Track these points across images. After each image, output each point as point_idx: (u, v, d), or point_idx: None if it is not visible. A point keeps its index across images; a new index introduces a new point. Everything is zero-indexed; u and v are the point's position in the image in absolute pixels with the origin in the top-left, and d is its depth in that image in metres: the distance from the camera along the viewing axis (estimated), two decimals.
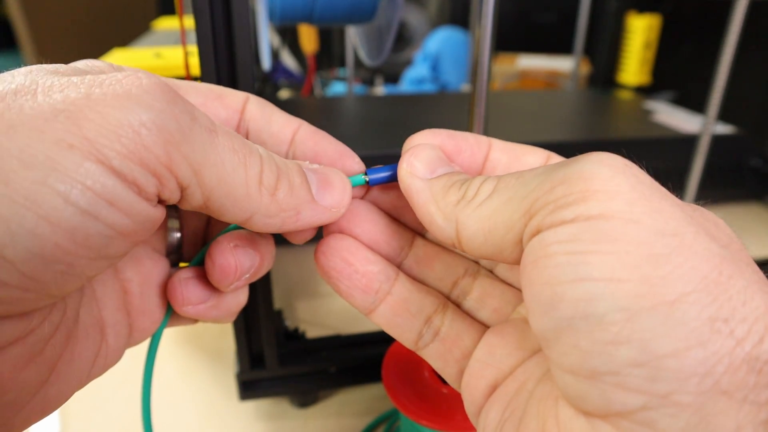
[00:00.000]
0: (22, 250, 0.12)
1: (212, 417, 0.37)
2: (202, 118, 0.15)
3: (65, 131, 0.13)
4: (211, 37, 0.24)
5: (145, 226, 0.15)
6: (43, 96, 0.13)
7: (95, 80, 0.14)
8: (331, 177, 0.19)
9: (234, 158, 0.16)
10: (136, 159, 0.13)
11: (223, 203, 0.16)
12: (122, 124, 0.13)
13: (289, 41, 0.86)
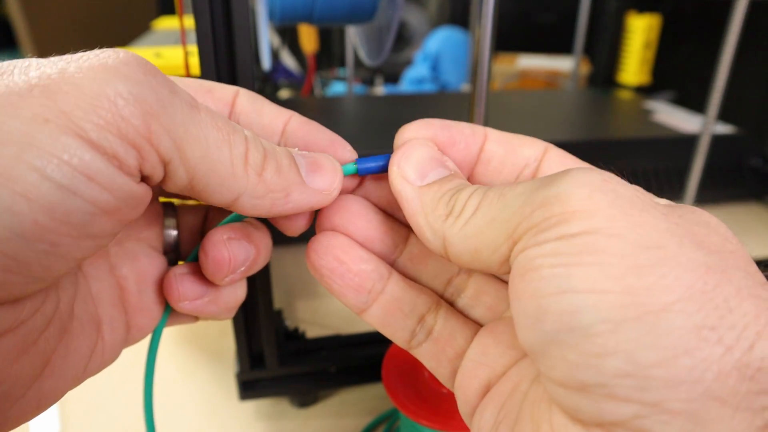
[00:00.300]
0: (2, 229, 0.12)
1: (212, 417, 0.37)
2: (182, 93, 0.15)
3: (40, 105, 0.12)
4: (211, 37, 0.24)
5: (129, 204, 0.15)
6: (19, 74, 0.13)
7: (72, 57, 0.14)
8: (320, 160, 0.18)
9: (218, 135, 0.15)
10: (114, 130, 0.13)
11: (208, 182, 0.16)
12: (98, 94, 0.13)
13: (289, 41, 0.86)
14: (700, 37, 0.74)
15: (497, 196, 0.15)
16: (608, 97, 0.72)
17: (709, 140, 0.41)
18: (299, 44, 0.73)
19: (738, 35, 0.37)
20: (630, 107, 0.69)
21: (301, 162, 0.18)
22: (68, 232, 0.13)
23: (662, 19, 0.70)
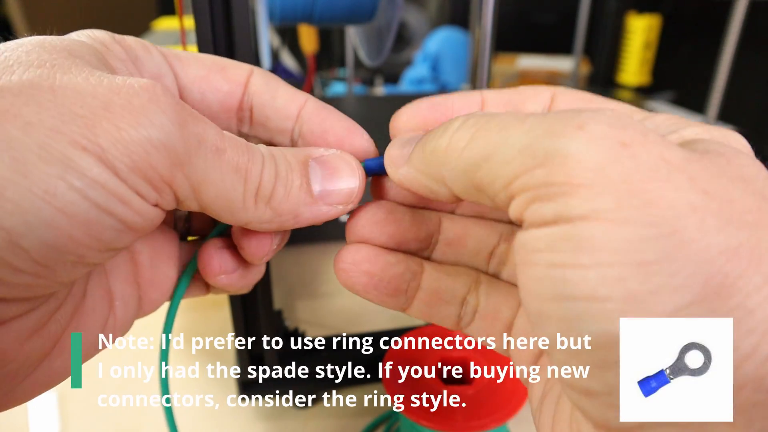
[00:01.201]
0: (37, 241, 0.13)
1: (212, 417, 0.37)
2: (210, 138, 0.16)
3: (81, 136, 0.13)
4: (211, 37, 0.24)
5: (152, 223, 0.16)
6: (63, 95, 0.13)
7: (113, 86, 0.14)
8: (338, 167, 0.18)
9: (235, 177, 0.16)
10: (141, 174, 0.14)
11: (219, 214, 0.17)
12: (134, 140, 0.14)
13: (289, 41, 0.86)
14: (700, 37, 0.74)
15: (498, 127, 0.13)
16: (608, 98, 0.72)
17: None
18: (299, 44, 0.73)
19: (738, 35, 0.37)
20: None
21: (317, 174, 0.18)
22: (97, 246, 0.14)
23: (662, 20, 0.70)
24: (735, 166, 0.12)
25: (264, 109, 0.19)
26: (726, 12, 0.37)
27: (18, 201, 0.12)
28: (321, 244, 0.53)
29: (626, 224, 0.11)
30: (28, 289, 0.14)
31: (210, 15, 0.24)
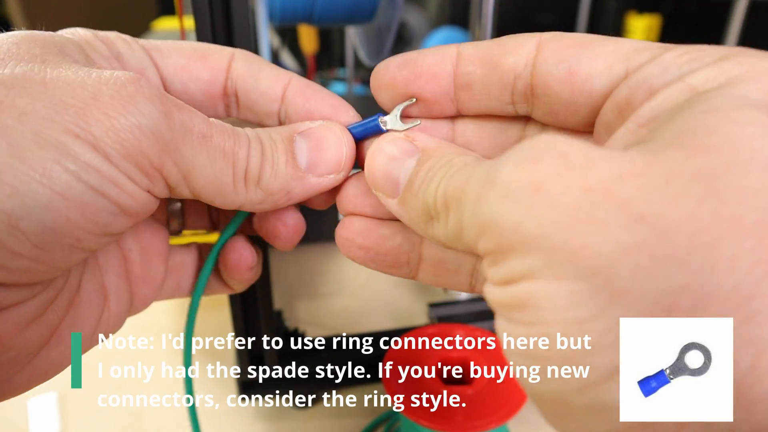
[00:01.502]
0: (35, 223, 0.13)
1: (212, 417, 0.37)
2: (197, 126, 0.16)
3: (74, 124, 0.14)
4: (211, 37, 0.24)
5: (146, 208, 0.16)
6: (54, 88, 0.14)
7: (101, 78, 0.15)
8: (325, 139, 0.18)
9: (222, 160, 0.16)
10: (132, 160, 0.15)
11: (212, 199, 0.17)
12: (124, 128, 0.14)
13: (289, 41, 0.86)
14: (700, 37, 0.74)
15: (457, 189, 0.13)
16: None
17: None
18: (299, 44, 0.73)
19: (738, 35, 0.37)
20: None
21: (303, 148, 0.18)
22: (93, 229, 0.15)
23: (662, 20, 0.70)
24: (705, 155, 0.10)
25: (249, 93, 0.19)
26: (726, 12, 0.37)
27: (16, 185, 0.13)
28: (321, 244, 0.53)
29: (559, 280, 0.10)
30: (26, 274, 0.14)
31: (210, 15, 0.24)
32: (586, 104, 0.15)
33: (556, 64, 0.15)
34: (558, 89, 0.15)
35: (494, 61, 0.16)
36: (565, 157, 0.11)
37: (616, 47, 0.14)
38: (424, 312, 0.44)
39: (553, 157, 0.11)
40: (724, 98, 0.11)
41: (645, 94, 0.13)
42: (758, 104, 0.11)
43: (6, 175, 0.13)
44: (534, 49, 0.15)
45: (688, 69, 0.13)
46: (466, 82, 0.16)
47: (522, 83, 0.16)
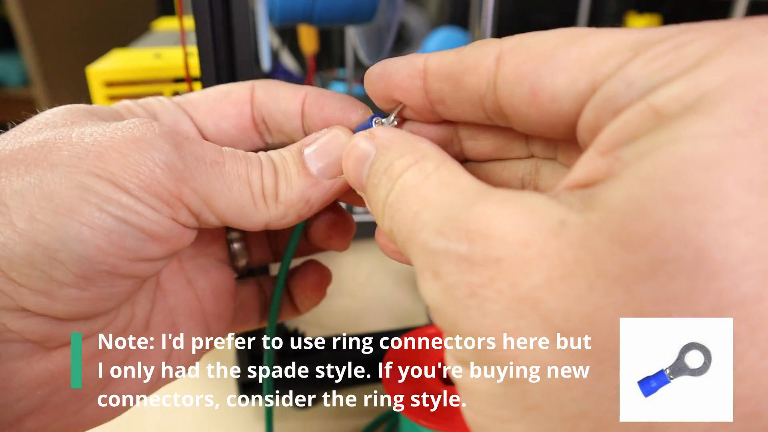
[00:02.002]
0: (70, 253, 0.15)
1: (212, 417, 0.37)
2: (207, 154, 0.18)
3: (94, 166, 0.16)
4: (211, 37, 0.24)
5: (174, 235, 0.17)
6: (78, 140, 0.16)
7: (118, 126, 0.17)
8: (329, 142, 0.19)
9: (238, 183, 0.18)
10: (151, 191, 0.16)
11: (237, 222, 0.18)
12: (139, 162, 0.16)
13: (289, 41, 0.86)
14: None
15: (399, 224, 0.14)
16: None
17: None
18: (299, 45, 0.73)
19: None
20: None
21: (312, 157, 0.19)
22: (125, 255, 0.16)
23: (662, 20, 0.70)
24: (631, 248, 0.09)
25: (274, 116, 0.21)
26: (726, 11, 0.37)
27: (48, 221, 0.15)
28: None
29: (484, 380, 0.11)
30: (77, 304, 0.16)
31: (210, 15, 0.24)
32: (561, 123, 0.13)
33: (518, 83, 0.13)
34: (525, 111, 0.14)
35: (457, 79, 0.15)
36: (498, 262, 0.11)
37: (581, 53, 0.12)
38: (424, 312, 0.44)
39: (487, 262, 0.11)
40: (672, 151, 0.10)
41: (610, 115, 0.12)
42: (717, 154, 0.09)
43: (39, 215, 0.15)
44: (494, 64, 0.14)
45: (656, 82, 0.11)
46: (437, 97, 0.16)
47: (489, 103, 0.15)
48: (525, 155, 0.18)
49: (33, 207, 0.15)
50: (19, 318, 0.15)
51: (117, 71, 0.46)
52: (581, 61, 0.12)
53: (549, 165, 0.17)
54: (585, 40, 0.13)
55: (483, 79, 0.14)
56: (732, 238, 0.09)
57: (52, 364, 0.17)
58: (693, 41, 0.11)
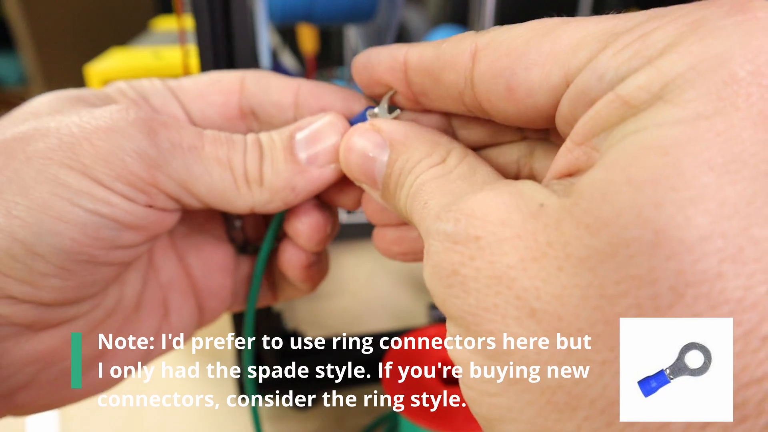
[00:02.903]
0: (48, 246, 0.15)
1: (212, 417, 0.37)
2: (185, 140, 0.17)
3: (67, 158, 0.16)
4: (210, 37, 0.24)
5: (151, 223, 0.17)
6: (55, 131, 0.16)
7: (93, 115, 0.17)
8: (321, 130, 0.18)
9: (218, 167, 0.18)
10: (123, 180, 0.16)
11: (220, 204, 0.18)
12: (110, 153, 0.16)
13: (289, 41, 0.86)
14: None
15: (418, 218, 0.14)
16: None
17: None
18: (299, 44, 0.73)
19: None
20: None
21: (302, 143, 0.18)
22: (101, 245, 0.16)
23: None
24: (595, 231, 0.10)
25: (263, 107, 0.20)
26: None
27: (23, 217, 0.15)
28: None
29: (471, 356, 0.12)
30: (62, 291, 0.16)
31: (209, 14, 0.24)
32: (539, 116, 0.14)
33: (493, 80, 0.14)
34: (503, 106, 0.14)
35: (436, 75, 0.15)
36: (477, 240, 0.12)
37: (553, 47, 0.13)
38: (424, 312, 0.44)
39: (467, 240, 0.12)
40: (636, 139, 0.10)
41: (584, 107, 0.12)
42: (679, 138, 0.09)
43: (15, 211, 0.15)
44: (470, 62, 0.14)
45: (624, 72, 0.11)
46: (420, 90, 0.16)
47: (468, 98, 0.15)
48: (518, 138, 0.18)
49: (9, 203, 0.15)
50: (8, 305, 0.16)
51: (115, 70, 0.46)
52: (553, 55, 0.13)
53: (542, 145, 0.17)
54: (556, 32, 0.13)
55: (460, 76, 0.14)
56: (689, 217, 0.09)
57: (40, 344, 0.17)
58: (658, 29, 0.11)
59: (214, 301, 0.22)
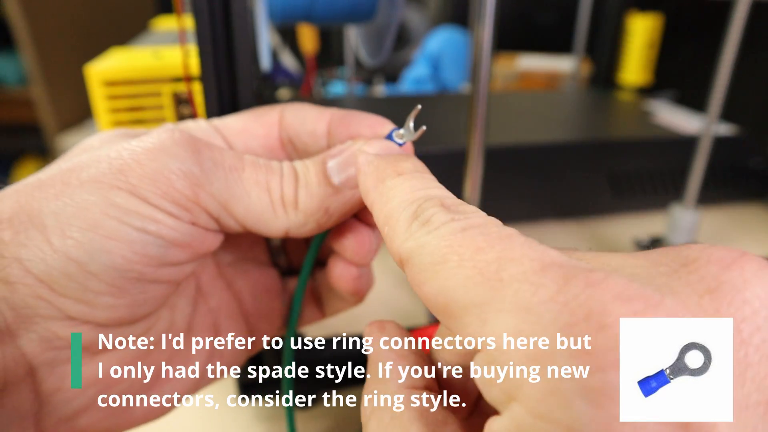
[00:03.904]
0: (99, 264, 0.16)
1: (212, 417, 0.37)
2: (226, 160, 0.19)
3: (115, 179, 0.17)
4: (210, 36, 0.24)
5: (196, 240, 0.18)
6: (105, 157, 0.18)
7: (141, 139, 0.18)
8: (354, 154, 0.20)
9: (257, 189, 0.19)
10: (168, 198, 0.17)
11: (257, 227, 0.19)
12: (156, 171, 0.17)
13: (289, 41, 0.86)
14: (703, 36, 0.74)
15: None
16: (609, 98, 0.72)
17: (710, 141, 0.41)
18: (299, 44, 0.73)
19: (740, 34, 0.37)
20: (631, 107, 0.69)
21: (334, 168, 0.20)
22: (149, 262, 0.17)
23: (664, 19, 0.70)
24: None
25: (300, 138, 0.22)
26: (728, 11, 0.37)
27: (77, 237, 0.16)
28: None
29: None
30: (114, 311, 0.17)
31: (209, 14, 0.24)
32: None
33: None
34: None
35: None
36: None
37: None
38: (424, 312, 0.44)
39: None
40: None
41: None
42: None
43: (69, 232, 0.16)
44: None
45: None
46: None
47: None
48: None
49: (64, 225, 0.16)
50: (67, 326, 0.17)
51: (116, 70, 0.46)
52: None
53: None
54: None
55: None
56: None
57: (98, 368, 0.18)
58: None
59: (264, 324, 0.24)
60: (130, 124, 0.49)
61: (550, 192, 0.52)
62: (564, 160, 0.51)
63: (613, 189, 0.52)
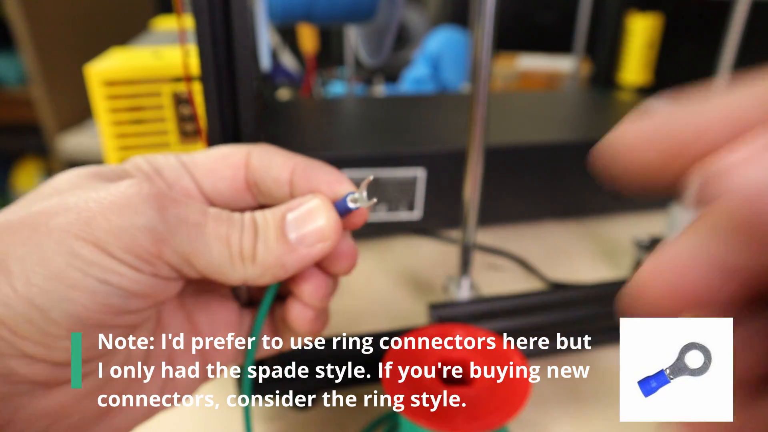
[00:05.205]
0: (61, 312, 0.17)
1: (212, 417, 0.37)
2: (191, 217, 0.19)
3: (82, 230, 0.18)
4: (210, 37, 0.24)
5: (156, 288, 0.19)
6: (74, 206, 0.18)
7: (109, 190, 0.19)
8: (310, 213, 0.21)
9: (218, 243, 0.19)
10: (132, 252, 0.18)
11: (217, 277, 0.20)
12: (121, 228, 0.18)
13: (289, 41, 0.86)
14: (703, 36, 0.74)
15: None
16: (609, 98, 0.72)
17: None
18: (299, 44, 0.73)
19: (740, 34, 0.37)
20: (631, 107, 0.69)
21: (292, 224, 0.20)
22: (110, 311, 0.18)
23: (664, 18, 0.70)
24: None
25: (265, 182, 0.22)
26: (728, 11, 0.37)
27: (41, 285, 0.17)
28: None
29: None
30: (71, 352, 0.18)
31: (209, 14, 0.24)
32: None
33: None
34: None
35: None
36: None
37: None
38: (424, 312, 0.44)
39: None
40: None
41: None
42: None
43: (34, 279, 0.17)
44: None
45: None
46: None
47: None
48: None
49: (30, 272, 0.17)
50: (25, 364, 0.17)
51: (115, 70, 0.46)
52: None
53: None
54: None
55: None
56: None
57: (52, 400, 0.19)
58: None
59: (220, 357, 0.24)
60: (130, 124, 0.49)
61: (550, 192, 0.52)
62: (564, 160, 0.51)
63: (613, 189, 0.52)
